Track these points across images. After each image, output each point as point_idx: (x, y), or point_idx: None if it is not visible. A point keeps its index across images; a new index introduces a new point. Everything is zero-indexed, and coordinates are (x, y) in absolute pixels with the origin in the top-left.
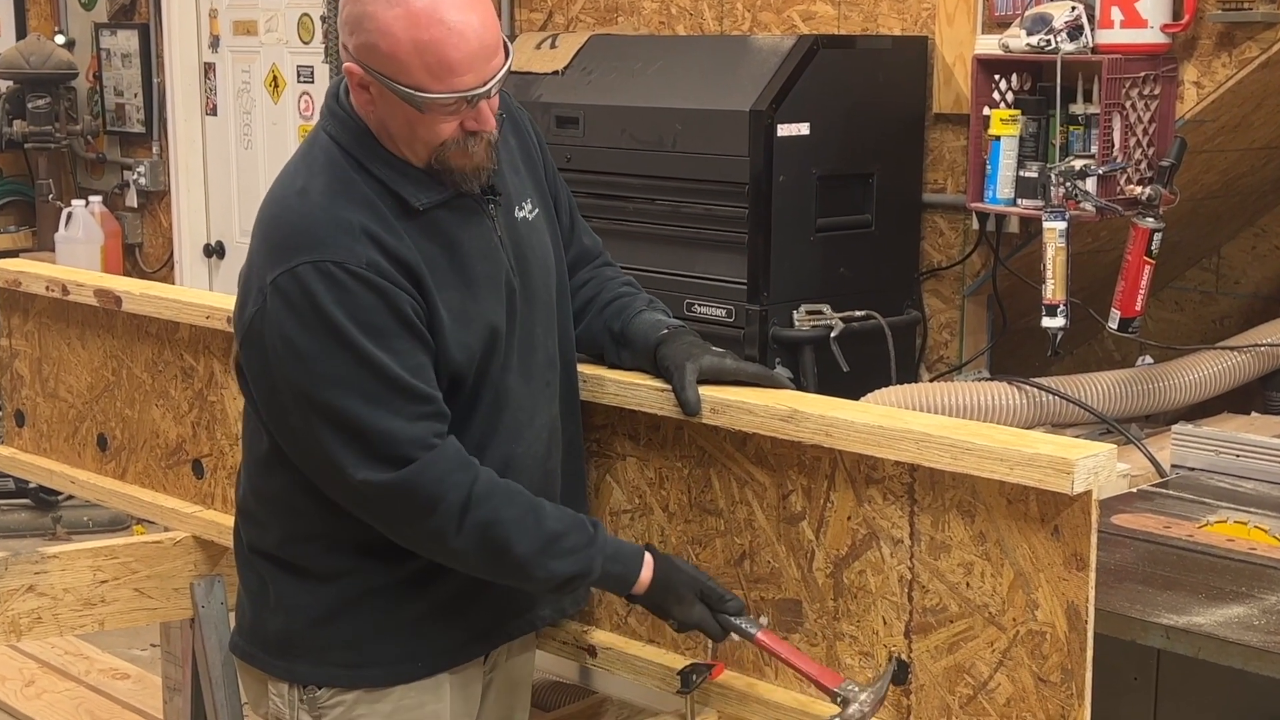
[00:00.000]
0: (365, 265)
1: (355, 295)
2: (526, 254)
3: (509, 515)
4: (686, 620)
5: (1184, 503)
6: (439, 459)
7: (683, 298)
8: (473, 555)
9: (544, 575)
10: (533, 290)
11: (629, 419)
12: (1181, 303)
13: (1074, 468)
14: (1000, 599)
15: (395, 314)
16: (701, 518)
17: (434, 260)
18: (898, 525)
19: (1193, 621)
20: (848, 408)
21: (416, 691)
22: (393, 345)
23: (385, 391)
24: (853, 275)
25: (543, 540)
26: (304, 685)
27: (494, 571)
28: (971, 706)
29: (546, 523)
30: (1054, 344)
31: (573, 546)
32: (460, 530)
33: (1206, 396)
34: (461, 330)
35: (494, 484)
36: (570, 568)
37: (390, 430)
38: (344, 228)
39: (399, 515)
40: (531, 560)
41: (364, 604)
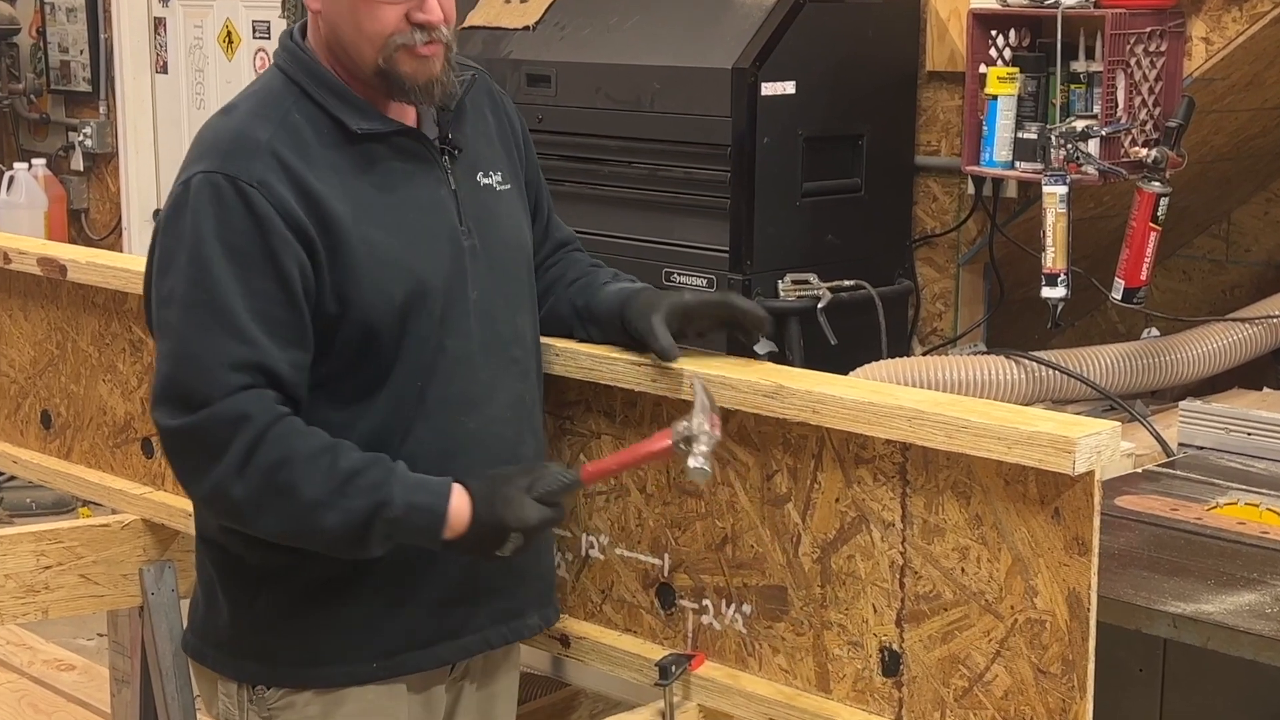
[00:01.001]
0: (256, 183)
1: (231, 212)
2: (489, 221)
3: (299, 453)
4: (523, 522)
5: (1192, 484)
6: (241, 401)
7: (661, 266)
8: (257, 506)
9: (339, 521)
10: (496, 259)
11: (603, 394)
12: (1189, 272)
13: (1076, 446)
14: (997, 585)
15: (266, 247)
16: (681, 500)
17: (362, 195)
18: (889, 507)
19: (1201, 609)
20: (836, 383)
21: (373, 696)
22: (249, 278)
23: (219, 324)
24: (841, 243)
25: (337, 480)
26: (253, 685)
27: (284, 523)
28: (967, 699)
29: (341, 462)
30: (1054, 315)
31: (370, 483)
32: (243, 474)
33: (1216, 371)
34: (381, 273)
35: (292, 428)
36: (367, 502)
37: (201, 365)
38: (248, 143)
39: (182, 466)
40: (323, 502)
41: (311, 600)
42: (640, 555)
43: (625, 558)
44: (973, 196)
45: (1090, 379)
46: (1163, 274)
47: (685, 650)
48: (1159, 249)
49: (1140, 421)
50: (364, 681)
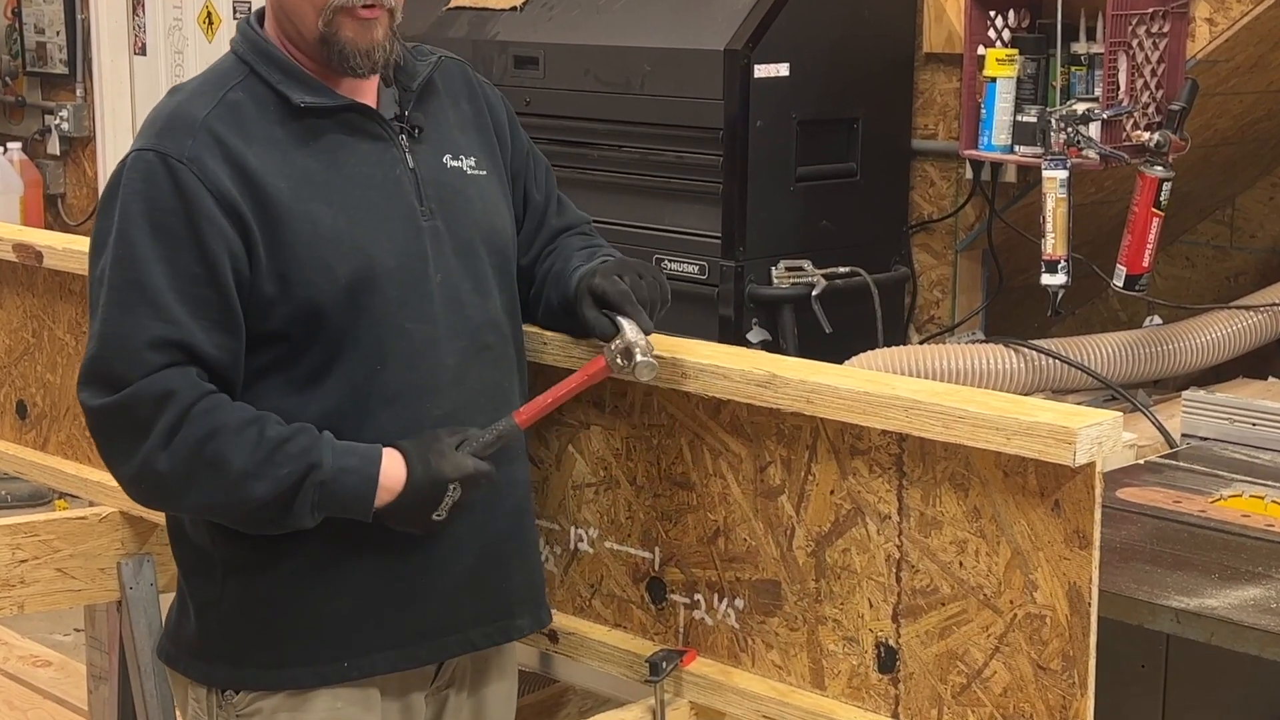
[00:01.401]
0: (186, 159)
1: (159, 187)
2: (456, 204)
3: (225, 425)
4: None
5: (1195, 475)
6: (165, 378)
7: (651, 253)
8: (183, 479)
9: (268, 490)
10: (464, 243)
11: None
12: (1193, 258)
13: (1076, 437)
14: (996, 580)
15: (193, 227)
16: (672, 491)
17: (307, 170)
18: (885, 500)
19: (1205, 604)
20: (830, 372)
21: (346, 700)
22: (174, 257)
23: (141, 303)
24: (836, 228)
25: (265, 449)
26: (221, 690)
27: (209, 499)
28: (965, 696)
29: (268, 431)
30: (1054, 303)
31: (298, 450)
32: (168, 449)
33: (1220, 360)
34: (324, 250)
35: (217, 402)
36: (296, 467)
37: (124, 345)
38: (184, 121)
39: (107, 446)
40: (252, 473)
41: (279, 595)
42: (630, 549)
43: (615, 551)
44: (971, 181)
45: (1091, 368)
46: (1165, 261)
47: (676, 646)
48: (1161, 235)
49: (1142, 412)
50: (334, 683)
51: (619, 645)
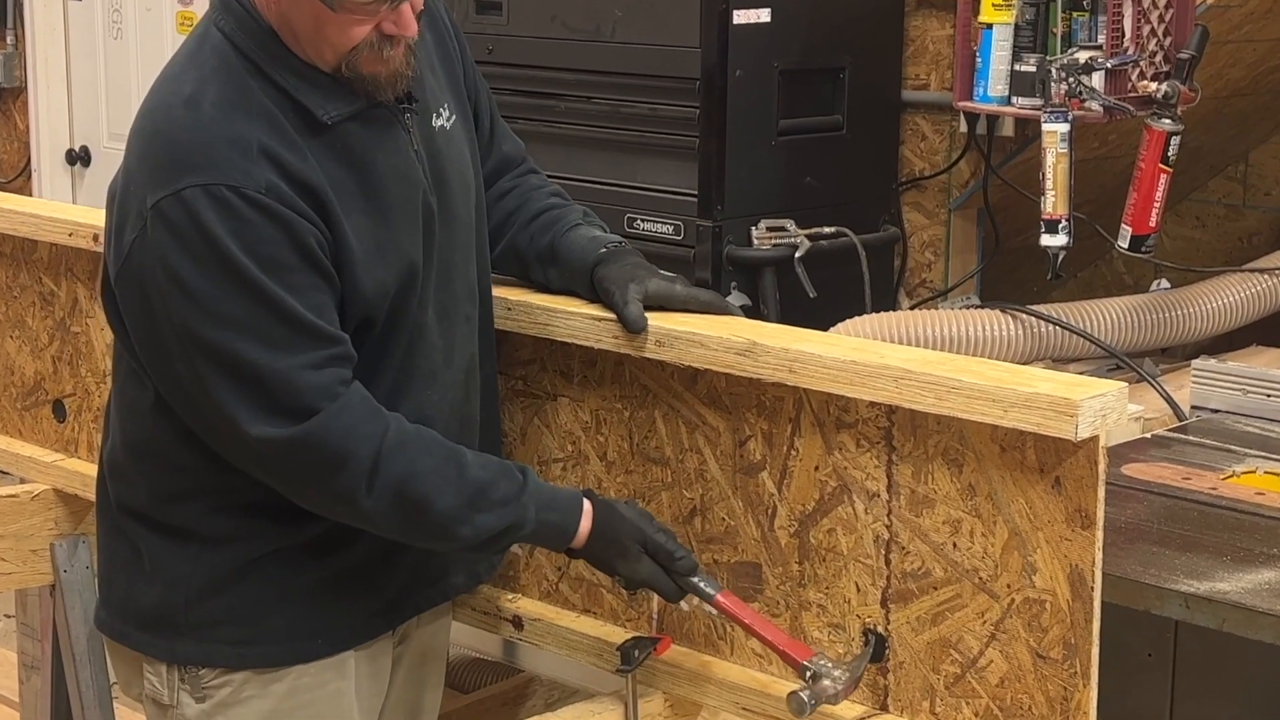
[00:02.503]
0: (264, 190)
1: (252, 224)
2: (444, 169)
3: (426, 467)
4: (633, 576)
5: (1206, 450)
6: (345, 409)
7: (623, 212)
8: (389, 516)
9: (470, 533)
10: (451, 211)
11: (560, 352)
12: (1203, 217)
13: (1078, 409)
14: (993, 562)
15: (297, 246)
16: (645, 467)
17: (342, 183)
18: (873, 476)
19: (1216, 588)
20: (815, 340)
21: (317, 670)
22: (294, 282)
23: (287, 334)
24: (820, 186)
25: (468, 493)
26: (185, 665)
27: (414, 532)
28: (959, 687)
29: (470, 472)
30: (1054, 266)
31: (503, 497)
32: (372, 488)
33: (1232, 326)
34: (374, 263)
35: (406, 433)
36: (500, 521)
37: (291, 378)
38: (239, 146)
39: (302, 475)
40: (456, 517)
41: (255, 573)
42: None
43: None
44: (965, 135)
45: (1094, 335)
46: (1173, 220)
47: (650, 633)
48: (1169, 193)
49: (1149, 382)
50: (308, 659)
51: (588, 632)
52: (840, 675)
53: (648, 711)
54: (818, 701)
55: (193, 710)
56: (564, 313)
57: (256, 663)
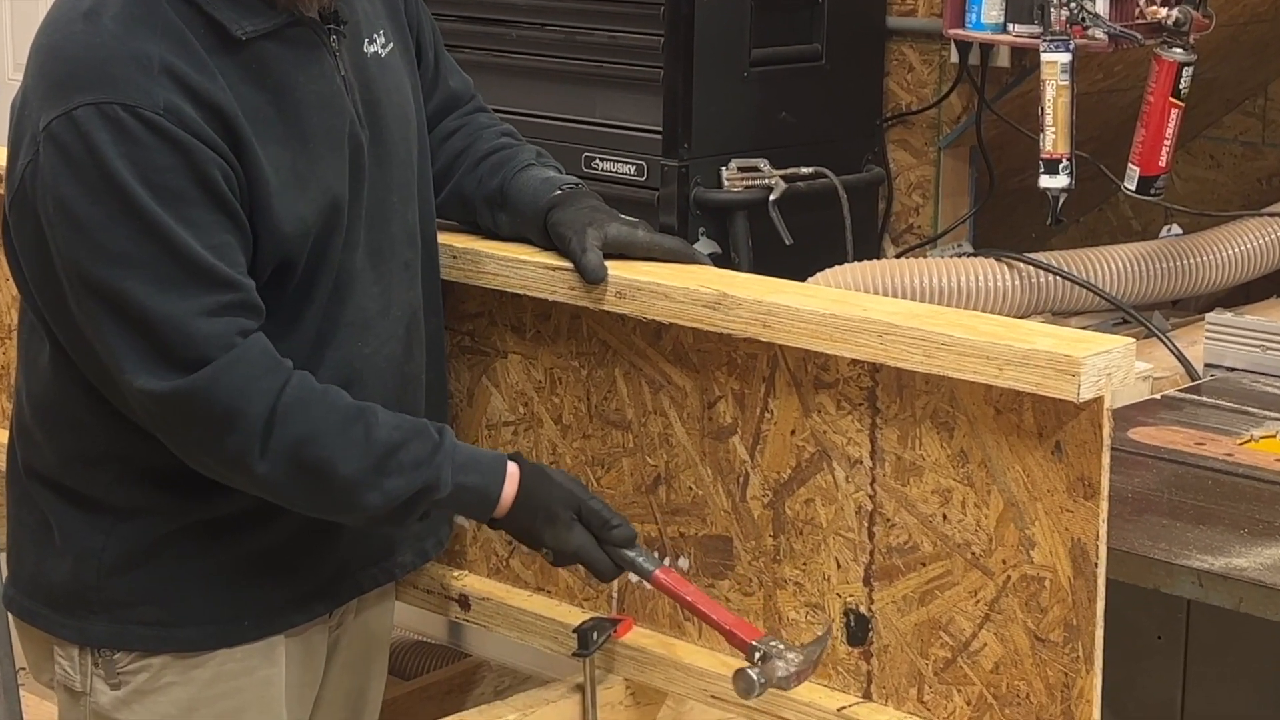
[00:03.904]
0: (163, 110)
1: (148, 149)
2: (379, 100)
3: (327, 428)
4: (563, 547)
5: (1221, 412)
6: (239, 362)
7: (580, 150)
8: (287, 483)
9: (378, 501)
10: (387, 146)
11: (511, 305)
12: (1218, 157)
13: (1080, 368)
14: (986, 536)
15: (198, 177)
16: (604, 432)
17: (258, 108)
18: (855, 441)
19: (1232, 564)
20: (791, 291)
21: (243, 655)
22: (192, 216)
23: (180, 274)
24: (797, 122)
25: (375, 456)
26: (98, 648)
27: (316, 501)
28: (949, 673)
29: (378, 433)
30: (1055, 210)
31: (414, 459)
32: (266, 451)
33: (1250, 276)
34: (293, 196)
35: (308, 391)
36: (411, 485)
37: (182, 324)
38: (139, 62)
39: (190, 435)
40: (362, 482)
41: (174, 547)
42: None
43: None
44: (956, 66)
45: (1098, 286)
46: (1185, 160)
47: (609, 614)
48: (1181, 129)
49: (1158, 337)
50: (234, 643)
51: (541, 613)
52: (793, 658)
53: (608, 700)
54: (768, 682)
55: (107, 698)
56: (515, 261)
57: (176, 646)
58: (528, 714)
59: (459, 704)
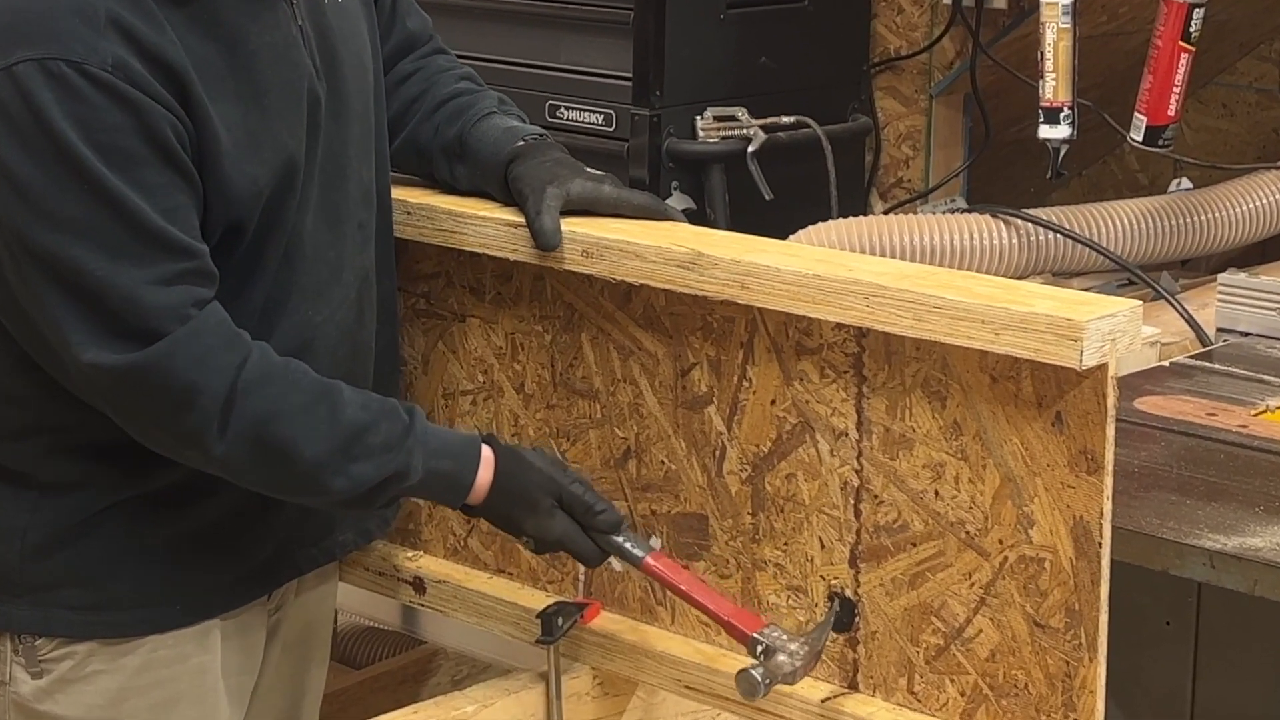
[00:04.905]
0: (111, 67)
1: (95, 108)
2: (335, 50)
3: (292, 406)
4: (545, 535)
5: (1234, 381)
6: (197, 335)
7: (544, 98)
8: (247, 464)
9: (345, 486)
10: (345, 100)
11: (470, 265)
12: (1231, 105)
13: (1083, 332)
14: (981, 514)
15: (150, 136)
16: (570, 401)
17: (208, 63)
18: (840, 412)
19: (1246, 544)
20: (771, 250)
21: (175, 641)
22: (144, 178)
23: (132, 241)
24: (778, 67)
25: (342, 437)
26: (19, 634)
27: (278, 483)
28: (942, 661)
29: (345, 413)
30: (1055, 162)
31: (384, 442)
32: (226, 430)
33: (1265, 234)
34: (246, 157)
35: (271, 366)
36: (380, 470)
37: (134, 294)
38: (84, 14)
39: (144, 411)
40: (327, 465)
41: (101, 526)
42: None
43: None
44: (949, 7)
45: (1102, 245)
46: (1196, 108)
47: (575, 598)
48: (1191, 76)
49: (1167, 300)
50: (165, 628)
51: (502, 597)
52: (798, 649)
53: (573, 690)
54: (773, 680)
55: (28, 687)
56: (474, 218)
57: (103, 632)
58: (488, 705)
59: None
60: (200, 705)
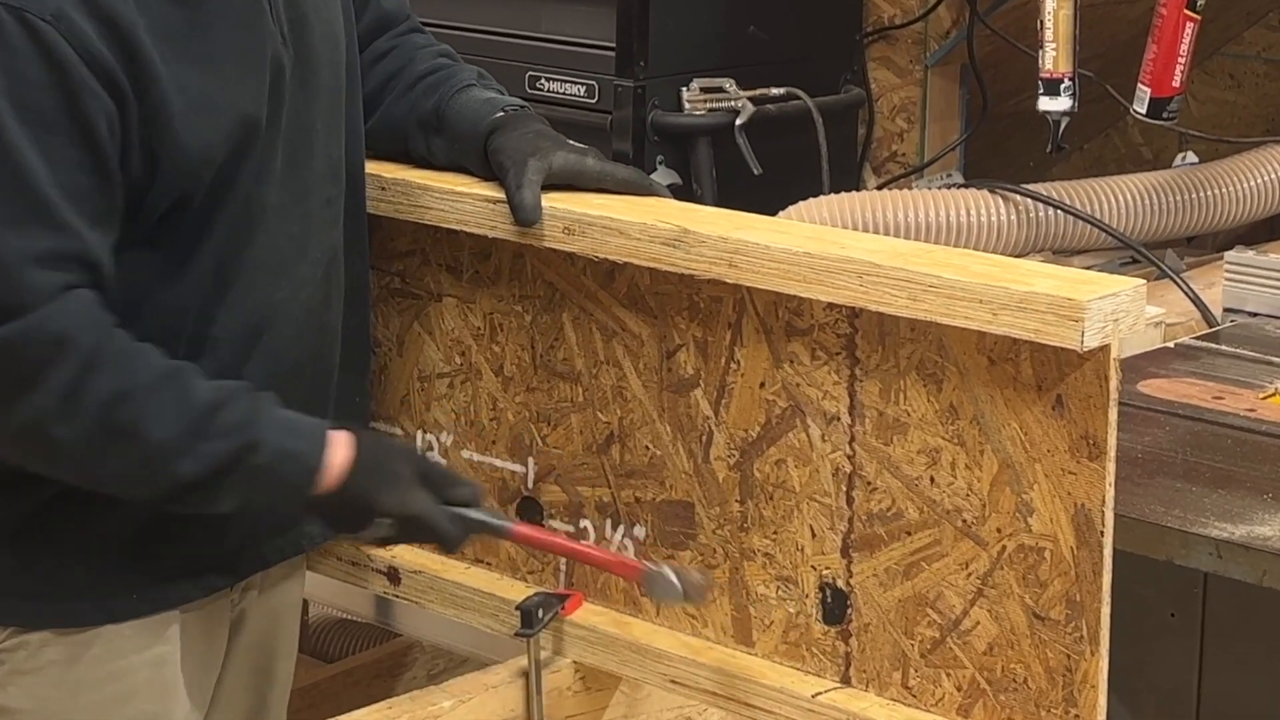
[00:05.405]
0: (51, 17)
1: (21, 58)
2: (304, 18)
3: (141, 384)
4: (407, 509)
5: (1242, 363)
6: (57, 315)
7: (524, 69)
8: (86, 448)
9: (192, 468)
10: (313, 71)
11: (447, 242)
12: (1239, 76)
13: (1084, 312)
14: (979, 501)
15: (71, 103)
16: (551, 384)
17: (166, 21)
18: (832, 395)
19: (1254, 533)
20: (760, 227)
21: (133, 631)
22: (52, 145)
23: (19, 207)
24: (767, 37)
25: (192, 417)
26: None
27: (119, 471)
28: (938, 654)
29: (196, 392)
30: (1056, 135)
31: (236, 421)
32: (70, 411)
33: (1273, 211)
34: (200, 123)
35: (125, 345)
36: (230, 444)
37: (8, 266)
38: None
39: None
40: (176, 446)
41: (52, 516)
42: (495, 460)
43: (475, 463)
44: None
45: (1104, 221)
46: (1202, 79)
47: (556, 589)
48: (1197, 45)
49: (1172, 278)
50: (122, 618)
51: (480, 588)
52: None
53: (555, 684)
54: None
55: None
56: (451, 193)
57: (58, 621)
58: (465, 700)
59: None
60: (159, 698)
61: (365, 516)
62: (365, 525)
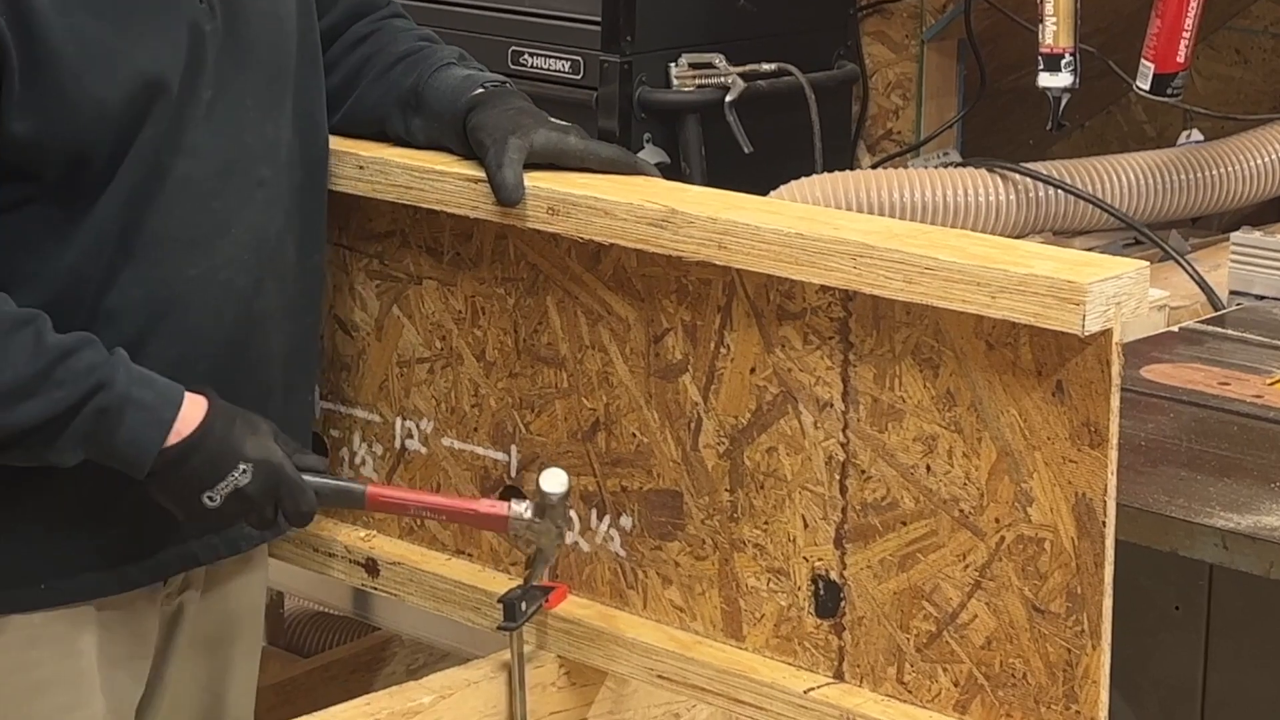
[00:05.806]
0: None
1: None
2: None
3: None
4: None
5: (1248, 347)
6: None
7: (507, 44)
8: None
9: (39, 411)
10: (245, 45)
11: (427, 223)
12: (1245, 51)
13: (1085, 295)
14: (977, 490)
15: None
16: (534, 370)
17: None
18: (825, 381)
19: (1261, 523)
20: (751, 207)
21: (45, 622)
22: None
23: None
24: (758, 11)
25: (45, 359)
26: None
27: None
28: (934, 649)
29: (49, 337)
30: (1056, 113)
31: (88, 365)
32: None
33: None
34: (96, 78)
35: None
36: (83, 384)
37: None
38: None
39: None
40: (25, 389)
41: None
42: (477, 448)
43: (457, 451)
44: None
45: (1106, 201)
46: (1207, 55)
47: (540, 581)
48: (1202, 19)
49: (1176, 260)
50: (27, 609)
51: (461, 580)
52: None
53: (538, 680)
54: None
55: None
56: (431, 172)
57: None
58: (446, 696)
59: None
60: (74, 690)
61: (228, 463)
62: (223, 475)
